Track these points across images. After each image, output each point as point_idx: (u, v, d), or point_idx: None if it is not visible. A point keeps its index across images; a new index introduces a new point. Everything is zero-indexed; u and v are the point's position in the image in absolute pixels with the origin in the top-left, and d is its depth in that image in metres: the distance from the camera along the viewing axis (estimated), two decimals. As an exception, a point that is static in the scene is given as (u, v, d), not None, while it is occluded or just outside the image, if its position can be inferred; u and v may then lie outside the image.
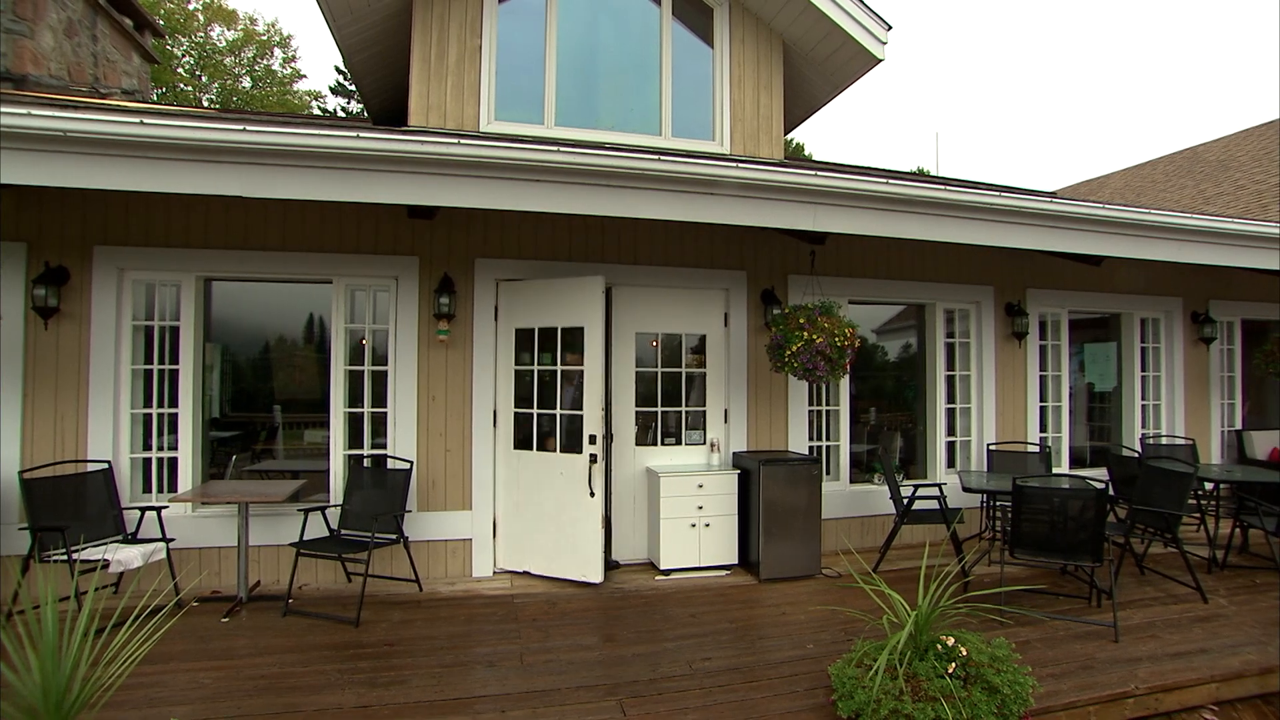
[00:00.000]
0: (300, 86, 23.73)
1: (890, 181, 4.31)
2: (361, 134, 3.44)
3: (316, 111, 22.64)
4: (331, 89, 22.67)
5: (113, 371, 4.56)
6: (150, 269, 4.69)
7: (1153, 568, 5.24)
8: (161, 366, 4.75)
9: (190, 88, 21.15)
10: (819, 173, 4.14)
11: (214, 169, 3.31)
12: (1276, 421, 7.95)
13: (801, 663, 3.66)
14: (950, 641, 3.09)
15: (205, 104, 20.83)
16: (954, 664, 2.99)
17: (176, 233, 4.69)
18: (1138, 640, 4.00)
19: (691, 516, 5.10)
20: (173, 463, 4.78)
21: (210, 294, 5.03)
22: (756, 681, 3.44)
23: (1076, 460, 7.00)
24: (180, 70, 20.80)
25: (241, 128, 3.25)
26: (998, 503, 5.65)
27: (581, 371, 4.88)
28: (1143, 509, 4.82)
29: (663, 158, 3.84)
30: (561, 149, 3.67)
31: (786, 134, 6.99)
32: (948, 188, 4.46)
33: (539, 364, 5.15)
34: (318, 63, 36.39)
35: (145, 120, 3.14)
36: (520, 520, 5.09)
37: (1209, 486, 6.29)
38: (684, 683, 3.43)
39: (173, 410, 4.75)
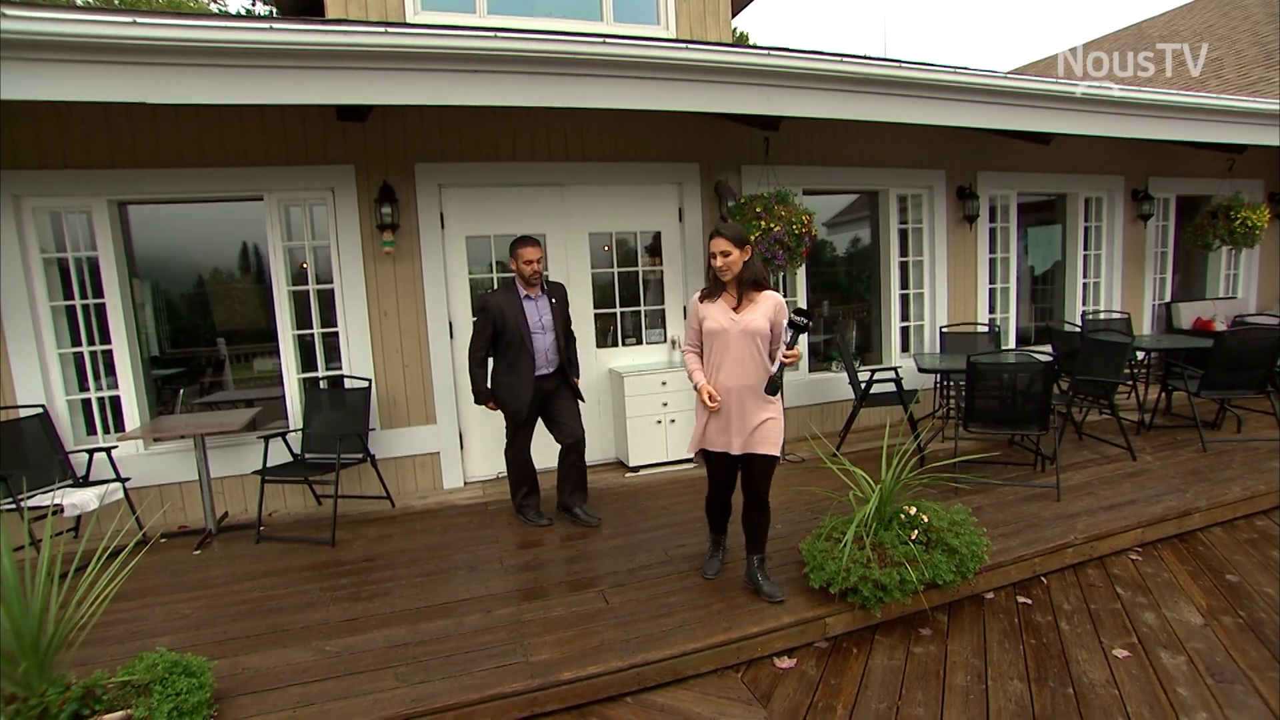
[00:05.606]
0: (195, -15, 21.17)
1: (844, 60, 4.15)
2: (275, 25, 3.10)
3: (216, 11, 20.37)
4: (232, -13, 20.33)
5: (28, 309, 4.22)
6: (52, 195, 4.25)
7: (1090, 433, 5.61)
8: (85, 301, 4.42)
9: (64, -11, 18.64)
10: (772, 53, 3.94)
11: (101, 71, 2.93)
12: (1201, 293, 8.38)
13: (772, 542, 3.80)
14: (912, 511, 3.27)
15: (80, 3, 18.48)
16: (916, 531, 3.18)
17: (77, 153, 4.23)
18: (1076, 498, 4.33)
19: (657, 414, 5.17)
20: (115, 401, 4.55)
21: (128, 221, 4.63)
22: (731, 563, 3.60)
23: (1022, 339, 7.30)
24: (49, -31, 18.24)
25: (130, 20, 2.87)
26: (951, 382, 5.90)
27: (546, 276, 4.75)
28: (1084, 379, 5.10)
29: (607, 41, 3.58)
30: (498, 35, 3.38)
31: (733, 17, 6.62)
32: (901, 66, 4.33)
33: (497, 272, 5.01)
34: (210, -43, 32.36)
35: (6, 10, 2.72)
36: (495, 425, 5.06)
37: (1140, 356, 6.68)
38: (662, 569, 3.57)
39: (105, 347, 4.47)
